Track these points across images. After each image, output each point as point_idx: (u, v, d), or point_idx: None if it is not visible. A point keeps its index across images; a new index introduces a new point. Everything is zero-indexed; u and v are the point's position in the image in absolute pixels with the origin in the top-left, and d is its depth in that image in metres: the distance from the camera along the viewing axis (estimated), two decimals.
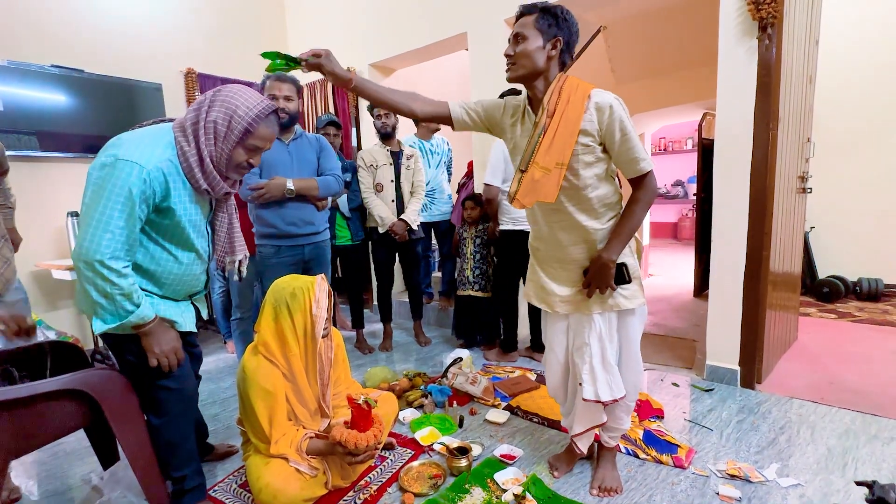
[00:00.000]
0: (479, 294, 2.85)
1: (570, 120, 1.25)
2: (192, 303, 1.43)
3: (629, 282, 1.37)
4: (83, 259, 1.10)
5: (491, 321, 2.88)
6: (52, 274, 2.77)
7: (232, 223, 1.42)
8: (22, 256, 2.09)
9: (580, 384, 1.44)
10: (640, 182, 1.32)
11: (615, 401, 1.41)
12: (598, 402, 1.40)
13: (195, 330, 1.43)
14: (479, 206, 2.81)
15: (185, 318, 1.36)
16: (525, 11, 1.31)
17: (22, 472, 1.78)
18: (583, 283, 1.38)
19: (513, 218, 2.60)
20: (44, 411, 1.17)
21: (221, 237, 1.39)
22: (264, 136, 1.24)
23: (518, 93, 2.60)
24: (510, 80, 1.33)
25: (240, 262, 1.47)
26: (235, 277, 1.48)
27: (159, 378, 1.28)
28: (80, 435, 1.51)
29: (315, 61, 1.24)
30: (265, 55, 1.24)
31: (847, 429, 1.83)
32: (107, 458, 1.57)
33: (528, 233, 2.50)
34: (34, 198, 2.37)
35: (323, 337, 1.52)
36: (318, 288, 1.47)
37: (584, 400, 1.41)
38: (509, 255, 2.64)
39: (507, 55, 1.31)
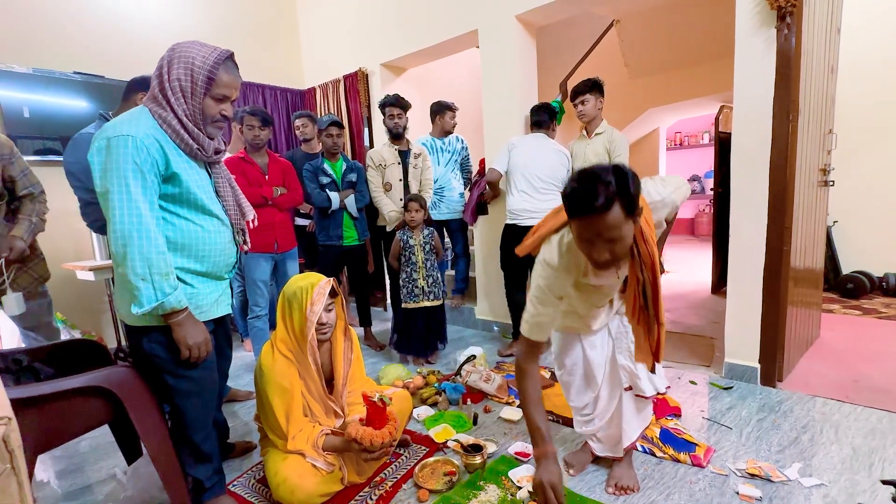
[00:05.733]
0: (434, 303, 2.69)
1: (651, 240, 1.13)
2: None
3: (664, 273, 1.40)
4: (121, 240, 1.11)
5: (441, 328, 2.79)
6: (77, 275, 2.85)
7: (234, 187, 1.44)
8: (48, 257, 2.15)
9: (627, 388, 1.43)
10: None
11: (668, 387, 1.42)
12: (658, 395, 1.42)
13: (230, 312, 1.47)
14: (423, 209, 2.61)
15: (221, 304, 1.40)
16: (601, 206, 0.99)
17: (49, 466, 1.84)
18: (620, 293, 1.37)
19: (510, 211, 2.64)
20: (69, 408, 1.21)
21: (230, 202, 1.40)
22: (227, 82, 1.25)
23: (548, 106, 2.65)
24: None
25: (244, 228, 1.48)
26: (246, 248, 1.48)
27: (183, 379, 1.30)
28: (105, 430, 1.55)
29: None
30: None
31: (873, 428, 1.78)
32: (130, 453, 1.61)
33: (523, 227, 2.57)
34: (58, 202, 2.43)
35: (321, 340, 1.54)
36: (315, 291, 1.49)
37: (645, 397, 1.40)
38: (509, 248, 2.67)
39: (606, 265, 1.08)
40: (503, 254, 2.75)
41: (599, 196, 0.98)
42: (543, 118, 2.68)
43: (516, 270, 2.73)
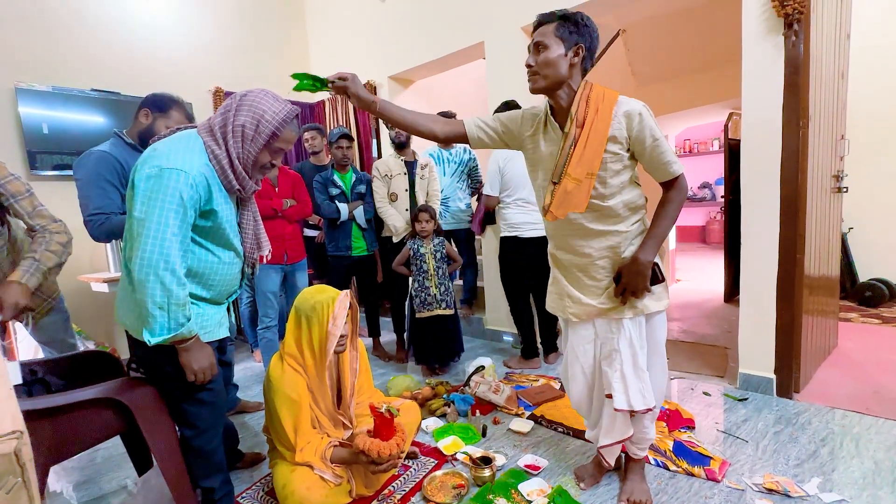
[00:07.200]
0: (447, 312, 2.67)
1: (600, 129, 1.24)
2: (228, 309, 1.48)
3: (662, 280, 1.34)
4: (146, 269, 1.11)
5: (457, 339, 2.75)
6: (91, 287, 2.90)
7: (257, 220, 1.46)
8: (64, 269, 2.18)
9: (608, 395, 1.40)
10: (672, 184, 1.33)
11: (648, 410, 1.37)
12: (631, 411, 1.36)
13: (229, 335, 1.47)
14: (433, 219, 2.63)
15: (223, 326, 1.41)
16: (544, 20, 1.28)
17: (63, 477, 1.86)
18: (615, 289, 1.34)
19: (510, 224, 2.63)
20: (81, 419, 1.22)
21: (249, 235, 1.43)
22: (288, 138, 1.30)
23: (515, 105, 2.64)
24: (533, 91, 1.31)
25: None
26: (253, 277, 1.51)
27: (194, 392, 1.31)
28: (117, 441, 1.56)
29: (341, 84, 1.27)
30: (295, 76, 1.28)
31: None
32: (141, 464, 1.62)
33: (525, 239, 2.59)
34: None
35: (337, 353, 1.54)
36: (337, 305, 1.49)
37: (616, 410, 1.37)
38: (511, 260, 2.67)
39: (528, 66, 1.29)
40: (504, 266, 2.73)
41: (547, 14, 1.29)
42: None
43: (517, 282, 2.72)
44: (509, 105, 2.63)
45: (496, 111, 2.61)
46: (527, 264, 2.62)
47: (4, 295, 1.41)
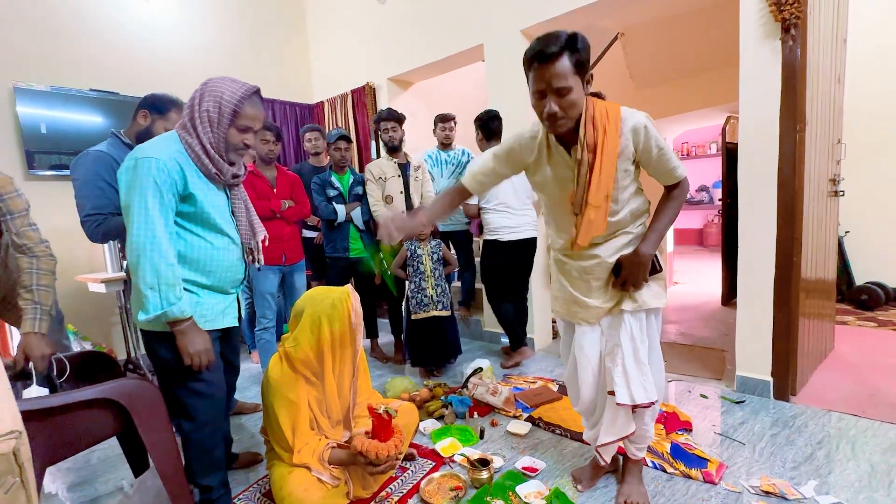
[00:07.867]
0: (443, 313, 2.67)
1: (611, 151, 1.23)
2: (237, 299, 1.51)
3: (661, 270, 1.36)
4: (136, 252, 1.20)
5: (454, 340, 2.75)
6: (89, 287, 2.89)
7: (248, 209, 1.51)
8: (61, 270, 2.18)
9: (610, 392, 1.40)
10: (676, 184, 1.36)
11: (650, 403, 1.37)
12: (634, 405, 1.36)
13: (236, 324, 1.50)
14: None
15: (227, 315, 1.45)
16: (551, 54, 1.14)
17: (58, 478, 1.85)
18: (615, 281, 1.35)
19: (491, 229, 2.67)
20: (78, 420, 1.22)
21: (243, 223, 1.48)
22: (251, 115, 1.35)
23: (497, 116, 2.67)
24: (560, 134, 1.27)
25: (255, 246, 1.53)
26: (257, 265, 1.54)
27: (192, 381, 1.34)
28: (113, 442, 1.56)
29: (398, 238, 1.35)
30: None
31: (892, 444, 1.73)
32: (137, 465, 1.62)
33: (504, 242, 2.61)
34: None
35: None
36: (353, 298, 1.51)
37: (619, 405, 1.37)
38: (490, 263, 2.71)
39: (551, 114, 1.19)
40: (485, 268, 2.77)
41: (551, 45, 1.14)
42: (500, 126, 2.68)
43: (499, 284, 2.75)
44: (490, 114, 2.69)
45: (477, 121, 2.67)
46: (503, 267, 2.66)
47: (28, 350, 1.39)
